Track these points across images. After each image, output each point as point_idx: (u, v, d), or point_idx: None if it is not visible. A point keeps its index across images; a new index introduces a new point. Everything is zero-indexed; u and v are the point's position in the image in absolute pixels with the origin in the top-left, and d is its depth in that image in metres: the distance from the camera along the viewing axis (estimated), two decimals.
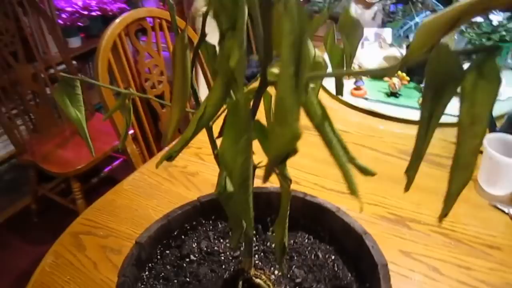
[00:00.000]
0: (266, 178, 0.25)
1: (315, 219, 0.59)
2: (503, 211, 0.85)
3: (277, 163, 0.24)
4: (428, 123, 0.25)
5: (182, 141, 0.32)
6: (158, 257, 0.58)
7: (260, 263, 0.56)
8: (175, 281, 0.55)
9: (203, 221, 0.61)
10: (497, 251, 0.79)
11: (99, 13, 2.42)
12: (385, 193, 0.90)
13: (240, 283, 0.52)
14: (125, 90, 0.43)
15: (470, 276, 0.76)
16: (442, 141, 0.99)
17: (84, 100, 0.43)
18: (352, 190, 0.26)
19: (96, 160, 1.81)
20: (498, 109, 1.05)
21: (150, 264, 0.56)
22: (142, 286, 0.54)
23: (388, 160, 1.00)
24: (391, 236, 0.84)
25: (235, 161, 0.29)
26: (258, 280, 0.52)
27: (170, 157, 0.33)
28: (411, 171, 0.27)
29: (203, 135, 1.13)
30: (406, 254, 0.81)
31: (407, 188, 0.28)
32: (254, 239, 0.60)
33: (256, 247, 0.58)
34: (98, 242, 0.78)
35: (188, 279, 0.55)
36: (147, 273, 0.56)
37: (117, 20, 1.20)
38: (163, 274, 0.56)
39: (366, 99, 1.13)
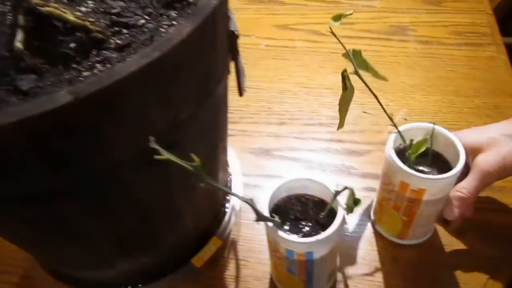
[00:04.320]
0: None
1: None
2: None
3: None
4: None
5: None
6: None
7: None
8: None
9: None
10: None
11: None
12: None
13: (21, 17, 0.35)
14: None
15: (353, 30, 0.67)
16: None
17: None
18: None
19: None
20: None
21: None
22: None
23: None
24: (263, 15, 0.72)
25: None
26: (46, 8, 0.35)
27: None
28: None
29: None
30: (282, 28, 0.70)
31: None
32: None
33: None
34: None
35: None
36: None
37: None
38: None
39: None
